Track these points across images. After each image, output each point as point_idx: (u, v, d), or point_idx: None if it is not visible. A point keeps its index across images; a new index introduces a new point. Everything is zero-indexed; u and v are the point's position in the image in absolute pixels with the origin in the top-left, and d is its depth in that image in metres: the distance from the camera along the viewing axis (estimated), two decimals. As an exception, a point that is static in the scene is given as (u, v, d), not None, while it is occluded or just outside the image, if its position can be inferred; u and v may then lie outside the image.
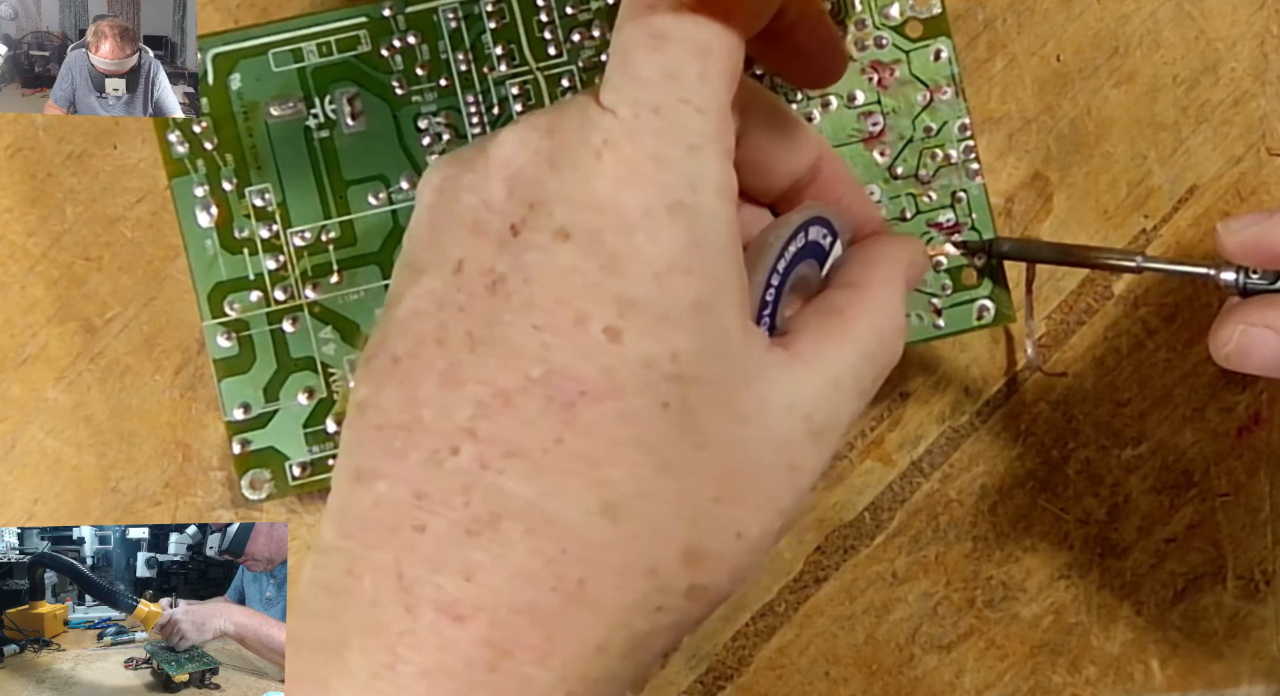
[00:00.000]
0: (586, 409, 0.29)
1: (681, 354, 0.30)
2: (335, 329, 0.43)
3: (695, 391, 0.30)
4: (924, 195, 0.44)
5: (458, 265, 0.31)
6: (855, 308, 0.35)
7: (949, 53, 0.44)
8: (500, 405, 0.29)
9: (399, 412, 0.30)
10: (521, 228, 0.30)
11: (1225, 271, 0.39)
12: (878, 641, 0.48)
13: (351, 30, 0.42)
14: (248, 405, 0.43)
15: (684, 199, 0.30)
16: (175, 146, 0.42)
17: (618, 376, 0.29)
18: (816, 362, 0.33)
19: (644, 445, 0.29)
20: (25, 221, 0.45)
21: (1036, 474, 0.48)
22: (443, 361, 0.30)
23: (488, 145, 0.31)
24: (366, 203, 0.43)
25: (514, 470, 0.29)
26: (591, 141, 0.30)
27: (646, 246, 0.30)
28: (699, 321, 0.30)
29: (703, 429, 0.30)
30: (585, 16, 0.43)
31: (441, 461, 0.29)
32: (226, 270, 0.43)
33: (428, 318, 0.31)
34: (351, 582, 0.30)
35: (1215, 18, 0.47)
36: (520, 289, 0.30)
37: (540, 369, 0.29)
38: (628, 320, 0.29)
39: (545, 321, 0.29)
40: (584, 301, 0.29)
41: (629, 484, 0.29)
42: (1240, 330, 0.38)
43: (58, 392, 0.45)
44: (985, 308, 0.44)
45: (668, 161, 0.30)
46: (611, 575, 0.30)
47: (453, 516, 0.29)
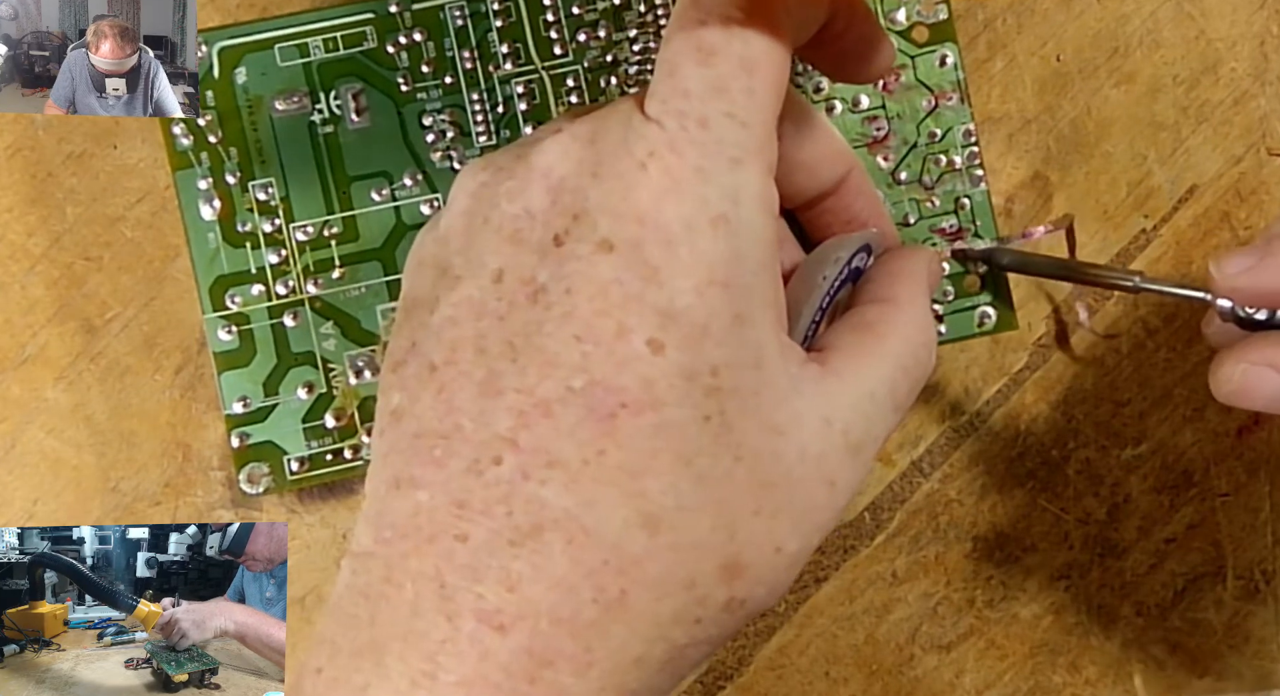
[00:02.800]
0: (627, 421, 0.29)
1: (721, 367, 0.30)
2: (336, 324, 0.43)
3: (734, 404, 0.30)
4: (927, 201, 0.44)
5: (498, 274, 0.31)
6: (887, 322, 0.35)
7: (955, 58, 0.44)
8: (541, 415, 0.29)
9: (438, 421, 0.30)
10: (565, 238, 0.30)
11: (1221, 299, 0.39)
12: (878, 641, 0.48)
13: (358, 26, 0.43)
14: (247, 399, 0.43)
15: (726, 212, 0.30)
16: (179, 139, 0.42)
17: (658, 388, 0.29)
18: (852, 377, 0.33)
19: (683, 457, 0.30)
20: (25, 221, 0.45)
21: (1036, 474, 0.48)
22: (482, 370, 0.30)
23: (528, 152, 0.31)
24: (369, 199, 0.43)
25: (555, 481, 0.29)
26: (636, 153, 0.30)
27: (688, 259, 0.30)
28: (739, 335, 0.30)
29: (741, 442, 0.30)
30: (591, 16, 0.43)
31: (483, 471, 0.29)
32: (228, 264, 0.43)
33: (466, 325, 0.31)
34: (391, 590, 0.30)
35: (1215, 18, 0.47)
36: (562, 299, 0.30)
37: (581, 380, 0.29)
38: (669, 333, 0.29)
39: (586, 332, 0.30)
40: (625, 313, 0.29)
41: (669, 496, 0.29)
42: (1242, 369, 0.38)
43: (58, 393, 0.45)
44: (987, 314, 0.44)
45: (711, 174, 0.30)
46: (651, 587, 0.30)
47: (494, 526, 0.29)
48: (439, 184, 0.43)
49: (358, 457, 0.43)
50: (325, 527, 0.46)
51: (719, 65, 0.31)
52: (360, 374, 0.43)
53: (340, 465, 0.43)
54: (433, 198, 0.43)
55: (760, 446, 0.30)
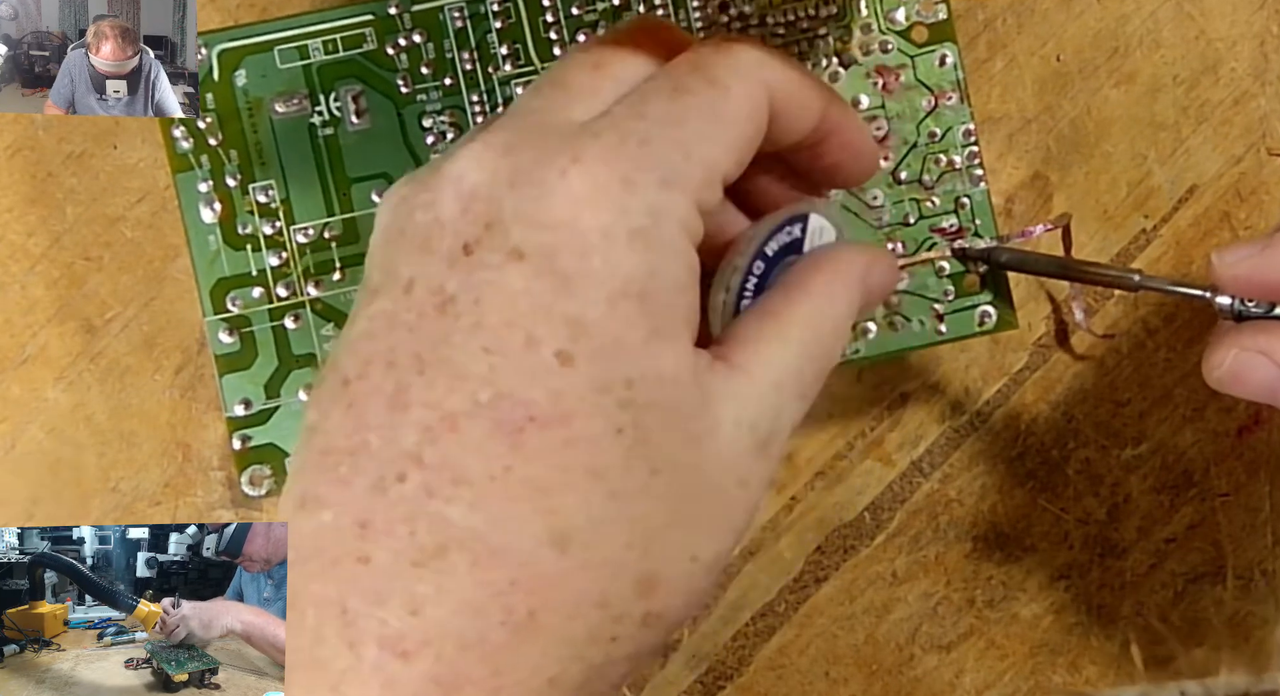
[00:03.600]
0: (535, 435, 0.29)
1: (636, 380, 0.29)
2: (337, 326, 0.43)
3: (650, 417, 0.29)
4: (927, 200, 0.44)
5: (408, 284, 0.30)
6: (791, 308, 0.34)
7: (954, 58, 0.44)
8: (447, 430, 0.29)
9: (345, 438, 0.29)
10: (475, 247, 0.29)
11: (1221, 296, 0.39)
12: (878, 641, 0.48)
13: (357, 28, 0.42)
14: (249, 401, 0.43)
15: (646, 226, 0.30)
16: (179, 142, 0.42)
17: (567, 402, 0.29)
18: (758, 370, 0.32)
19: (595, 472, 0.29)
20: (25, 221, 0.45)
21: (1036, 474, 0.48)
22: (391, 384, 0.29)
23: (442, 163, 0.31)
24: (370, 200, 0.43)
25: (461, 498, 0.28)
26: (558, 161, 0.30)
27: (603, 269, 0.29)
28: (654, 348, 0.30)
29: (657, 454, 0.30)
30: (591, 17, 0.43)
31: (387, 488, 0.29)
32: (229, 266, 0.42)
33: (379, 339, 0.30)
34: (294, 616, 0.29)
35: (1215, 18, 0.47)
36: (470, 309, 0.29)
37: (488, 392, 0.29)
38: (579, 344, 0.29)
39: (494, 343, 0.29)
40: (535, 323, 0.29)
41: (579, 513, 0.29)
42: (1234, 354, 0.38)
43: (58, 393, 0.45)
44: (987, 314, 0.44)
45: (637, 187, 0.30)
46: (562, 607, 0.29)
47: (397, 547, 0.28)
48: (439, 185, 0.43)
49: (358, 459, 0.43)
50: (325, 527, 0.46)
51: (689, 103, 0.31)
52: (361, 376, 0.43)
53: (341, 467, 0.43)
54: (433, 199, 0.43)
55: (677, 458, 0.30)
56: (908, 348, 0.44)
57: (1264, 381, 0.37)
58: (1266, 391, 0.37)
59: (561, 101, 0.32)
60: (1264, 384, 0.37)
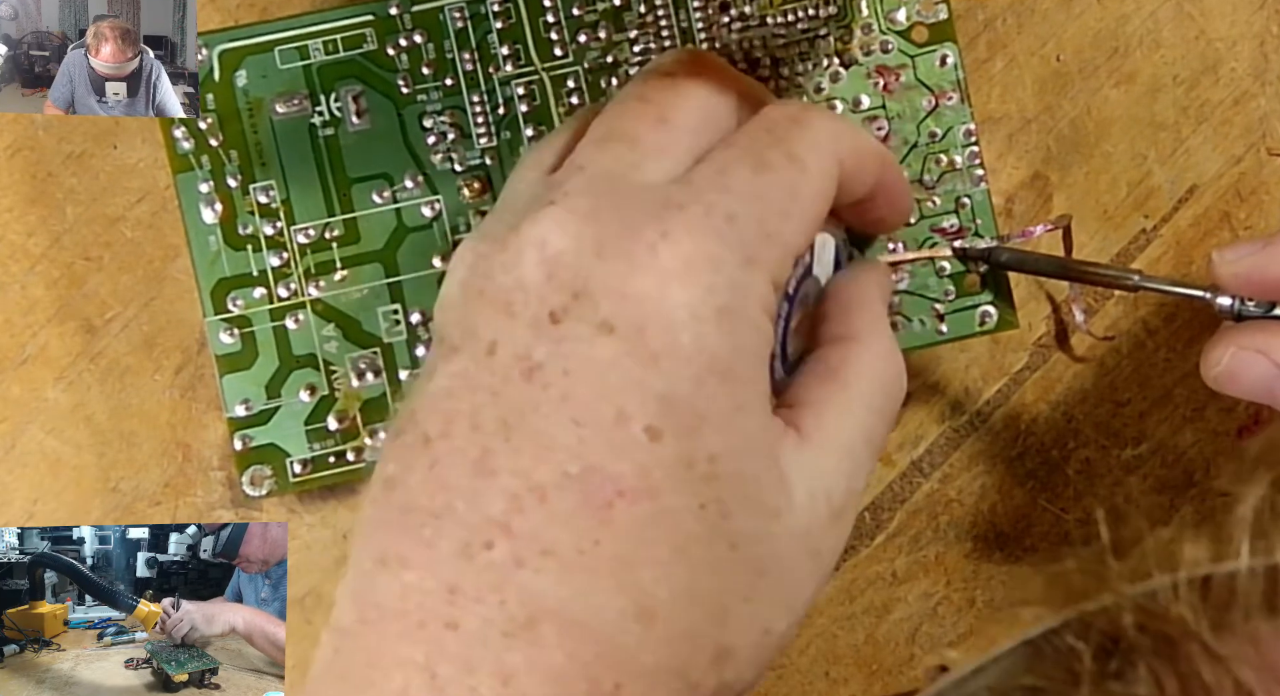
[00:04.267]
0: (624, 510, 0.29)
1: (719, 455, 0.29)
2: (338, 326, 0.43)
3: (730, 491, 0.30)
4: (928, 200, 0.44)
5: (490, 347, 0.30)
6: (850, 365, 0.34)
7: (955, 58, 0.44)
8: (535, 501, 0.29)
9: (429, 498, 0.30)
10: (562, 316, 0.30)
11: (1221, 296, 0.39)
12: (878, 641, 0.48)
13: (358, 28, 0.42)
14: (249, 401, 0.43)
15: (731, 305, 0.30)
16: (180, 142, 0.42)
17: (655, 477, 0.29)
18: (830, 438, 0.33)
19: (678, 547, 0.29)
20: (25, 221, 0.45)
21: (1036, 474, 0.48)
22: (476, 448, 0.29)
23: (521, 224, 0.31)
24: (370, 201, 0.43)
25: (549, 570, 0.28)
26: (645, 234, 0.30)
27: (690, 347, 0.29)
28: (737, 423, 0.30)
29: (737, 529, 0.30)
30: (591, 18, 0.43)
31: (474, 555, 0.29)
32: (230, 266, 0.42)
33: (461, 399, 0.30)
34: (377, 675, 0.29)
35: (1215, 18, 0.47)
36: (558, 380, 0.29)
37: (577, 465, 0.29)
38: (668, 420, 0.29)
39: (584, 416, 0.29)
40: (625, 398, 0.29)
41: (663, 587, 0.29)
42: (1231, 353, 0.38)
43: (58, 392, 0.45)
44: (988, 314, 0.44)
45: (723, 265, 0.30)
46: (643, 678, 0.29)
47: (487, 615, 0.28)
48: (440, 186, 0.43)
49: (360, 459, 0.43)
50: (325, 527, 0.46)
51: (771, 180, 0.31)
52: (362, 376, 0.43)
53: (343, 467, 0.43)
54: (434, 199, 0.43)
55: (755, 531, 0.30)
56: (908, 347, 0.44)
57: (1261, 380, 0.37)
58: (1263, 390, 0.37)
59: (633, 160, 0.32)
60: (1261, 383, 0.37)
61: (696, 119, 0.33)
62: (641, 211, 0.30)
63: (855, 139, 0.34)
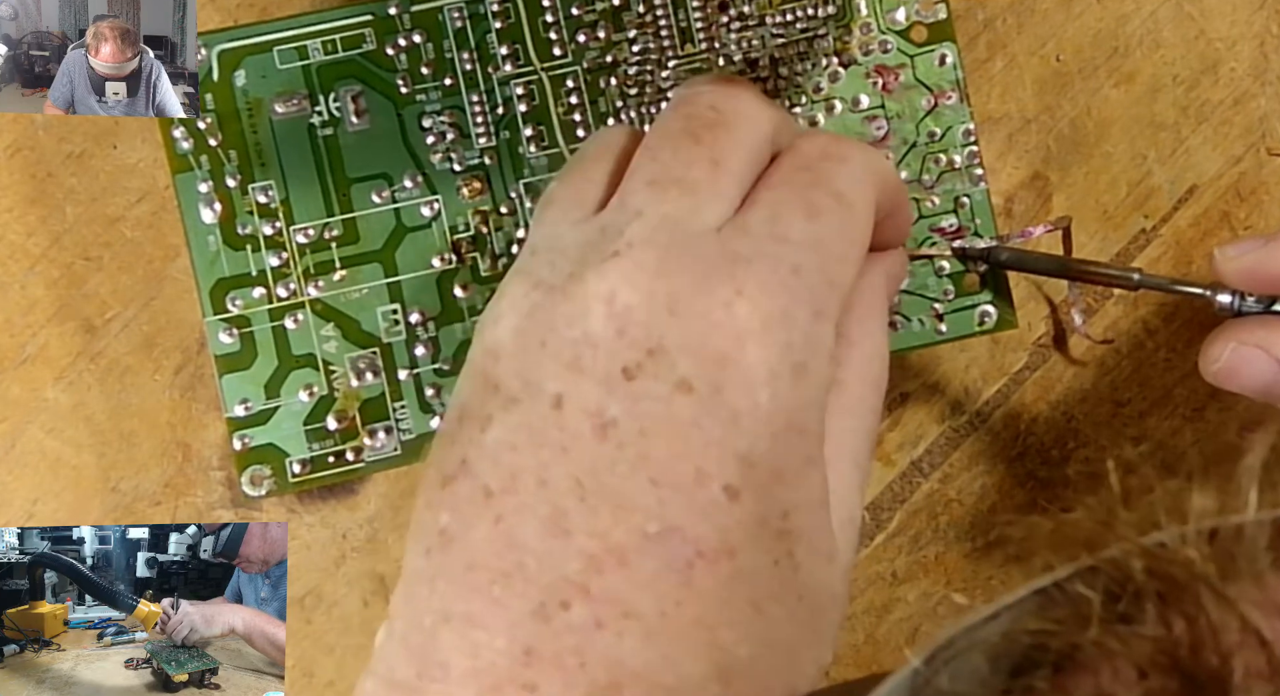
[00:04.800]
0: (704, 571, 0.29)
1: (791, 510, 0.30)
2: (337, 326, 0.43)
3: (799, 544, 0.30)
4: (927, 200, 0.44)
5: (556, 400, 0.29)
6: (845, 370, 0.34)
7: (954, 58, 0.44)
8: (615, 563, 0.28)
9: (496, 556, 0.29)
10: (637, 373, 0.29)
11: (1221, 293, 0.39)
12: (878, 641, 0.48)
13: (357, 28, 0.42)
14: (248, 401, 0.43)
15: (806, 361, 0.30)
16: (179, 142, 0.42)
17: (734, 537, 0.29)
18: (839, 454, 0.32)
19: (755, 604, 0.29)
20: (25, 221, 0.45)
21: (1036, 474, 0.48)
22: (547, 507, 0.29)
23: (585, 275, 0.30)
24: (370, 201, 0.43)
25: (632, 632, 0.28)
26: (719, 291, 0.30)
27: (768, 406, 0.29)
28: (806, 476, 0.30)
29: (804, 580, 0.30)
30: (590, 17, 0.43)
31: (551, 617, 0.28)
32: (229, 266, 0.42)
33: (526, 453, 0.29)
34: None
35: (1215, 18, 0.47)
36: (634, 439, 0.29)
37: (657, 526, 0.28)
38: (747, 479, 0.29)
39: (663, 476, 0.29)
40: (705, 458, 0.29)
41: (742, 647, 0.29)
42: (1231, 348, 0.38)
43: (58, 392, 0.45)
44: (987, 313, 0.44)
45: (796, 321, 0.30)
46: None
47: (567, 679, 0.28)
48: (439, 185, 0.43)
49: (359, 459, 0.43)
50: (325, 527, 0.46)
51: (824, 225, 0.31)
52: (361, 376, 0.43)
53: (342, 467, 0.43)
54: (433, 199, 0.43)
55: (819, 580, 0.30)
56: (908, 347, 0.44)
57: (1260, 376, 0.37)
58: (1262, 387, 0.37)
59: (690, 206, 0.31)
60: (1260, 379, 0.37)
61: (746, 159, 0.33)
62: (710, 265, 0.30)
63: (883, 166, 0.34)
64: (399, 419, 0.43)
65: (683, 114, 0.33)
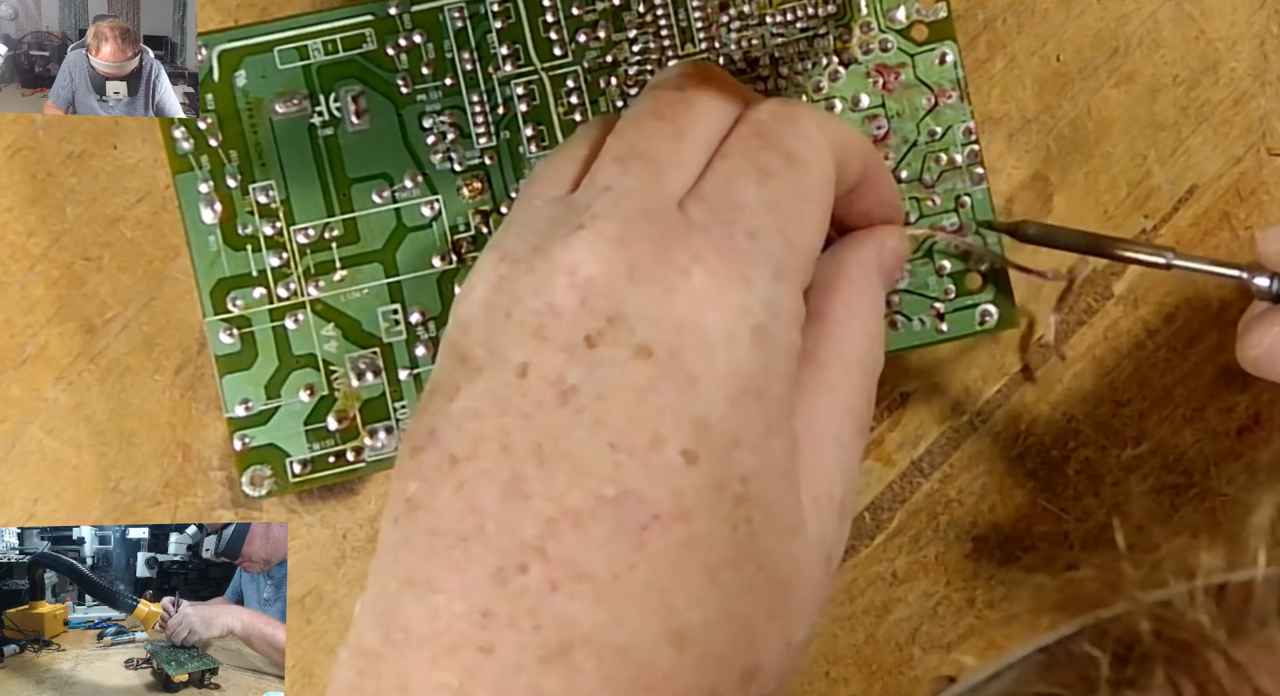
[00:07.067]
0: (658, 534, 0.29)
1: (751, 476, 0.29)
2: (337, 326, 0.43)
3: (758, 511, 0.30)
4: (928, 199, 0.44)
5: (521, 369, 0.30)
6: (825, 347, 0.34)
7: (954, 57, 0.44)
8: (571, 525, 0.28)
9: (457, 521, 0.29)
10: (598, 340, 0.29)
11: (1259, 276, 0.38)
12: (878, 641, 0.48)
13: (357, 28, 0.42)
14: (249, 402, 0.43)
15: (765, 323, 0.30)
16: (180, 143, 0.42)
17: (689, 500, 0.29)
18: (816, 431, 0.33)
19: (709, 570, 0.29)
20: (25, 221, 0.45)
21: (1036, 474, 0.48)
22: (507, 471, 0.29)
23: (550, 247, 0.30)
24: (370, 201, 0.43)
25: (584, 595, 0.28)
26: (677, 258, 0.30)
27: (725, 369, 0.29)
28: (767, 442, 0.30)
29: (763, 548, 0.30)
30: (591, 17, 0.43)
31: (508, 579, 0.28)
32: (229, 266, 0.43)
33: (489, 420, 0.30)
34: None
35: (1215, 18, 0.47)
36: (593, 404, 0.29)
37: (613, 489, 0.29)
38: (703, 443, 0.29)
39: (620, 440, 0.29)
40: (661, 422, 0.29)
41: (696, 612, 0.29)
42: (1275, 333, 0.37)
43: (58, 392, 0.45)
44: (988, 313, 0.44)
45: (755, 284, 0.30)
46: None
47: (521, 640, 0.28)
48: (439, 185, 0.43)
49: (360, 459, 0.43)
50: (325, 527, 0.46)
51: (777, 186, 0.31)
52: (362, 376, 0.43)
53: (343, 467, 0.43)
54: (433, 199, 0.43)
55: (779, 550, 0.30)
56: (908, 346, 0.44)
57: None
58: None
59: (654, 178, 0.32)
60: None
61: (709, 129, 0.33)
62: (668, 234, 0.30)
63: (839, 126, 0.35)
64: (399, 419, 0.43)
65: (651, 96, 0.34)
